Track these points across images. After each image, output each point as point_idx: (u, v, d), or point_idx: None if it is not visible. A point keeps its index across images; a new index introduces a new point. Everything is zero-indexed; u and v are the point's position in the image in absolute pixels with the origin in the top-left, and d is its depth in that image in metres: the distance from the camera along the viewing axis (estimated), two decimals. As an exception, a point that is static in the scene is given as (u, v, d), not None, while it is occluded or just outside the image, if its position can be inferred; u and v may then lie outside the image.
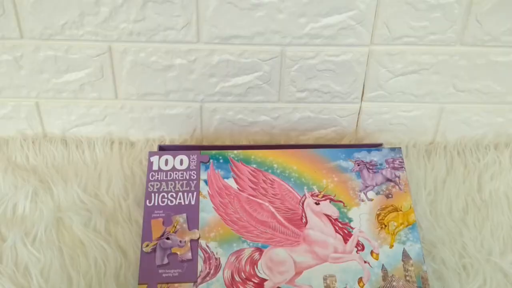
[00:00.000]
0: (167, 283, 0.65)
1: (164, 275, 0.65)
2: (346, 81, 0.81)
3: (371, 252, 0.68)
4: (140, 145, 0.86)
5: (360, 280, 0.66)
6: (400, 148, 0.75)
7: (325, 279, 0.66)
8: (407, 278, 0.66)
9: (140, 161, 0.83)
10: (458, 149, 0.86)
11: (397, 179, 0.72)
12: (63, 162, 0.83)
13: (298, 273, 0.67)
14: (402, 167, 0.73)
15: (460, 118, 0.86)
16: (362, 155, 0.74)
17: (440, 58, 0.79)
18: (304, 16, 0.74)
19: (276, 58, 0.79)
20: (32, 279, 0.67)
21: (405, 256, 0.67)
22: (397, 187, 0.72)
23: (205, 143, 0.88)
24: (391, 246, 0.68)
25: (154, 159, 0.73)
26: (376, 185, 0.72)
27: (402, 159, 0.74)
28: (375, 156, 0.74)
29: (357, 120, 0.86)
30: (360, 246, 0.68)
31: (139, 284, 0.65)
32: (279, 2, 0.73)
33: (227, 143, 0.88)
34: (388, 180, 0.72)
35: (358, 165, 0.73)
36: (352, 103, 0.84)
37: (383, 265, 0.67)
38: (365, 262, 0.67)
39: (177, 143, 0.87)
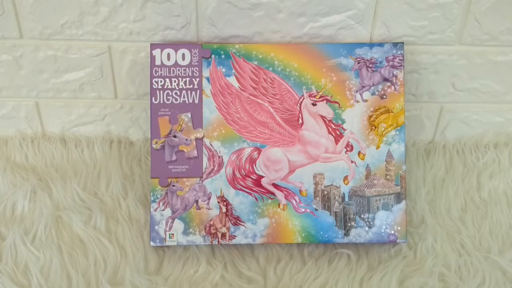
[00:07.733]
0: (176, 177, 0.72)
1: (173, 170, 0.72)
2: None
3: (359, 153, 0.73)
4: (139, 144, 0.86)
5: (345, 178, 0.73)
6: (402, 43, 0.74)
7: (314, 176, 0.73)
8: (387, 177, 0.73)
9: (139, 160, 0.83)
10: (457, 148, 0.86)
11: (394, 78, 0.73)
12: (62, 161, 0.83)
13: (291, 171, 0.73)
14: (401, 66, 0.73)
15: (459, 117, 0.86)
16: (363, 51, 0.73)
17: (439, 58, 0.79)
18: (303, 15, 0.75)
19: (275, 58, 0.79)
20: (32, 278, 0.67)
21: (389, 156, 0.73)
22: (392, 87, 0.73)
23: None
24: (378, 147, 0.73)
25: (156, 52, 0.72)
26: (373, 85, 0.73)
27: (403, 56, 0.73)
28: (376, 53, 0.73)
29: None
30: (349, 147, 0.73)
31: (151, 178, 0.72)
32: (279, 2, 0.73)
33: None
34: (385, 79, 0.73)
35: (358, 63, 0.73)
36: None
37: (367, 164, 0.73)
38: (352, 162, 0.73)
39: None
